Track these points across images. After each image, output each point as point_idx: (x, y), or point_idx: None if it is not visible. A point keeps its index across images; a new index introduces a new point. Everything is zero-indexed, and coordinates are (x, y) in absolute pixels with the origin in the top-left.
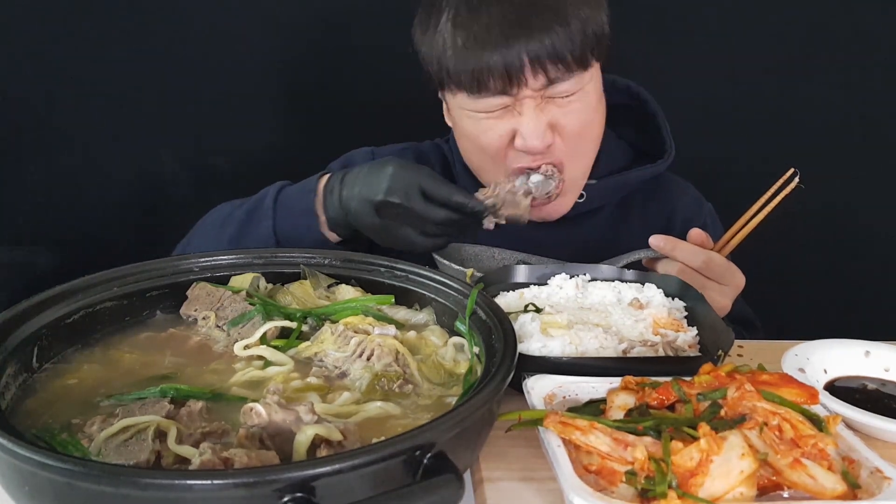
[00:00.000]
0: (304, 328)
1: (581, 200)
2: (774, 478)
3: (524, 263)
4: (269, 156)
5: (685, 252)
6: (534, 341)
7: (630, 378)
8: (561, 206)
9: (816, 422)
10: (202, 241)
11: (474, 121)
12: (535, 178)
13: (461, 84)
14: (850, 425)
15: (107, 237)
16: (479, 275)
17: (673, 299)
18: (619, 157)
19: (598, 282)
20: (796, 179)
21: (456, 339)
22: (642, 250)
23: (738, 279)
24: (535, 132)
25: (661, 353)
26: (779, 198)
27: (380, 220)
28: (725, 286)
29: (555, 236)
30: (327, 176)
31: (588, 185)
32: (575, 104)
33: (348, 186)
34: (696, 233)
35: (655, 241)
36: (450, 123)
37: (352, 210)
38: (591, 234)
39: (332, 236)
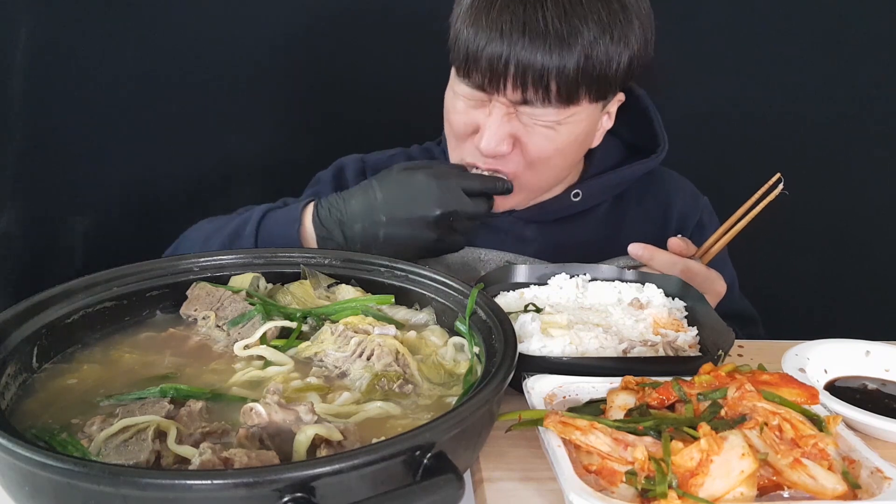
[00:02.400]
0: (304, 328)
1: (577, 200)
2: (775, 478)
3: (511, 264)
4: (264, 158)
5: (663, 261)
6: (534, 341)
7: (630, 378)
8: (506, 203)
9: (817, 422)
10: None
11: (454, 97)
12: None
13: (455, 59)
14: (850, 425)
15: (103, 240)
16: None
17: (673, 299)
18: (612, 155)
19: (599, 282)
20: (780, 186)
21: (456, 339)
22: (622, 258)
23: (717, 286)
24: (493, 137)
25: (661, 352)
26: (762, 204)
27: (436, 234)
28: (705, 293)
29: (551, 236)
30: (312, 205)
31: (583, 184)
32: (542, 130)
33: (368, 215)
34: (675, 241)
35: (634, 249)
36: None
37: (386, 236)
38: (587, 233)
39: None
